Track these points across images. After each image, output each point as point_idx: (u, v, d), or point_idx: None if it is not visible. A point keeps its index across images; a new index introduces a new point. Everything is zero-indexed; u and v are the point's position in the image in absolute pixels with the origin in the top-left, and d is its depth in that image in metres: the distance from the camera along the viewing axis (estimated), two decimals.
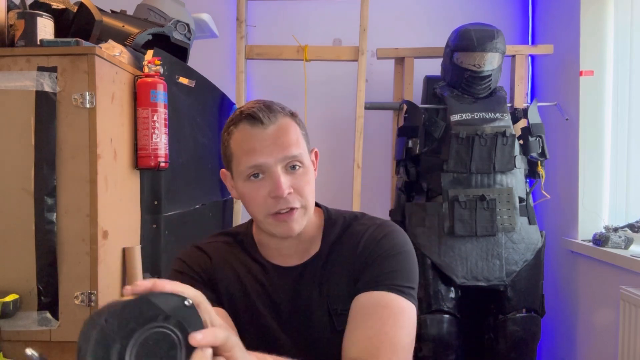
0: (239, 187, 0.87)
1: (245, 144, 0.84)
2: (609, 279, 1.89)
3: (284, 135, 0.84)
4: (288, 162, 0.84)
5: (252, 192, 0.84)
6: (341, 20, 2.62)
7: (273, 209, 0.83)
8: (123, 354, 0.43)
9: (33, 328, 1.23)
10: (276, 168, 0.82)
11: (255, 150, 0.82)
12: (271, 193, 0.82)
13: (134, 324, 0.43)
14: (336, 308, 0.88)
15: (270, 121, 0.83)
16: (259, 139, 0.83)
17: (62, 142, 1.23)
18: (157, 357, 0.44)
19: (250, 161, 0.83)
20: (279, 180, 0.82)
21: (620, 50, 2.08)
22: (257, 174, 0.84)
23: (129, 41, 1.53)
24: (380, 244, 0.88)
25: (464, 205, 1.98)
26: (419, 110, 2.13)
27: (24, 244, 1.22)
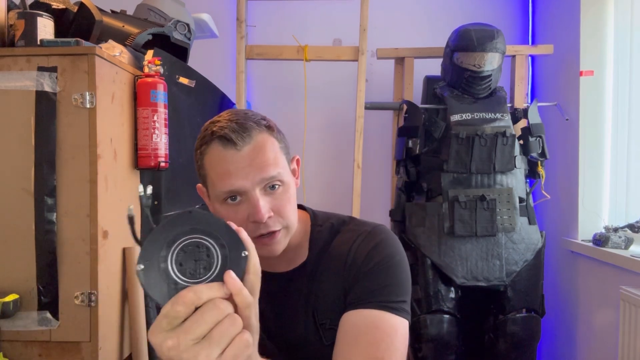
0: (216, 208, 0.83)
1: (219, 167, 0.78)
2: (609, 279, 1.89)
3: (261, 156, 0.78)
4: (266, 183, 0.79)
5: (230, 215, 0.79)
6: (341, 20, 2.62)
7: (253, 233, 0.78)
8: (179, 238, 0.50)
9: (33, 328, 1.23)
10: (254, 191, 0.77)
11: (231, 174, 0.77)
12: (250, 217, 0.78)
13: (205, 232, 0.51)
14: (324, 322, 0.85)
15: (245, 142, 0.77)
16: (233, 162, 0.77)
17: (62, 142, 1.23)
18: (194, 262, 0.50)
19: (226, 186, 0.77)
20: (257, 205, 0.77)
21: (620, 50, 2.08)
22: (234, 197, 0.79)
23: (129, 41, 1.53)
24: (370, 256, 0.84)
25: (464, 205, 1.98)
26: (419, 110, 2.13)
27: (24, 244, 1.22)
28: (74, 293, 1.23)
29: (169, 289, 0.49)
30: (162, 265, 0.49)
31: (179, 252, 0.50)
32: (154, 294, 0.49)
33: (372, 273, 0.83)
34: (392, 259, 0.85)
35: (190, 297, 0.48)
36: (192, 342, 0.47)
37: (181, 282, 0.49)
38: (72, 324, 1.23)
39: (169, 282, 0.49)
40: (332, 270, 0.87)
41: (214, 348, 0.48)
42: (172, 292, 0.49)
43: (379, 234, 0.88)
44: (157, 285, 0.49)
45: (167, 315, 0.48)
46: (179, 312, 0.47)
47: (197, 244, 0.50)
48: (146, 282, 0.49)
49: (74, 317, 1.23)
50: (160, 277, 0.49)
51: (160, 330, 0.48)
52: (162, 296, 0.49)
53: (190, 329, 0.47)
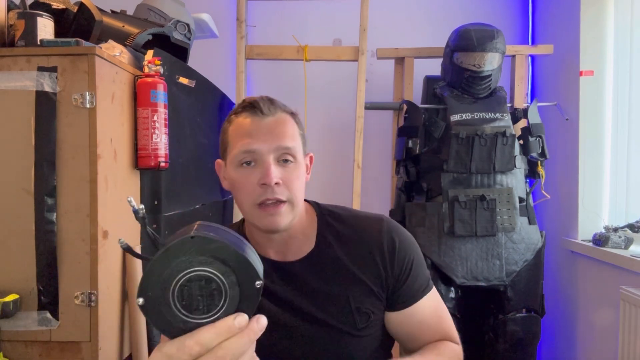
0: (230, 173, 0.88)
1: (243, 129, 0.86)
2: (609, 279, 1.89)
3: (281, 127, 0.86)
4: (281, 153, 0.85)
5: (242, 178, 0.85)
6: (341, 20, 2.62)
7: (260, 197, 0.83)
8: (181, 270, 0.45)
9: (33, 328, 1.23)
10: (268, 157, 0.84)
11: (251, 136, 0.84)
12: (260, 180, 0.83)
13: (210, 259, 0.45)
14: (359, 306, 0.89)
15: (270, 112, 0.86)
16: (256, 127, 0.85)
17: (62, 142, 1.23)
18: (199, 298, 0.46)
19: (245, 146, 0.84)
20: (269, 169, 0.83)
21: (620, 50, 2.08)
22: (249, 162, 0.85)
23: (129, 41, 1.53)
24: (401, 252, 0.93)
25: (464, 205, 1.98)
26: (419, 110, 2.13)
27: (24, 244, 1.22)
28: (74, 293, 1.23)
29: (176, 325, 0.46)
30: (165, 302, 0.45)
31: (182, 286, 0.45)
32: (159, 327, 0.46)
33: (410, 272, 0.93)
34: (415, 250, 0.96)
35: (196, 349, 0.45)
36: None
37: (189, 319, 0.46)
38: (72, 324, 1.23)
39: (174, 318, 0.46)
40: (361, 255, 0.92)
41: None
42: (179, 330, 0.46)
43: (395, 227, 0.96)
44: (162, 320, 0.46)
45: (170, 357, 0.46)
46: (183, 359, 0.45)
47: (200, 277, 0.45)
48: (149, 316, 0.46)
49: (74, 317, 1.23)
50: (164, 312, 0.46)
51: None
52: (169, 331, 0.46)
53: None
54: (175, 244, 0.45)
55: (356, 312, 0.89)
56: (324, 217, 0.95)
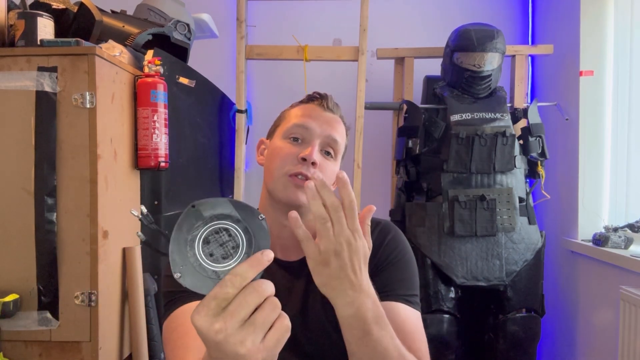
0: (275, 143, 0.92)
1: (305, 111, 0.93)
2: (609, 279, 1.89)
3: (336, 124, 0.94)
4: (328, 142, 0.90)
5: (286, 148, 0.89)
6: (341, 20, 2.62)
7: (295, 169, 0.86)
8: (197, 235, 0.52)
9: (33, 328, 1.23)
10: (316, 139, 0.89)
11: (310, 116, 0.91)
12: (302, 154, 0.87)
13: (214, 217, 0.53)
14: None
15: (333, 109, 0.95)
16: (317, 113, 0.93)
17: (62, 142, 1.23)
18: (222, 247, 0.53)
19: (300, 120, 0.90)
20: (314, 148, 0.87)
21: (620, 50, 2.08)
22: (297, 138, 0.90)
23: (129, 41, 1.53)
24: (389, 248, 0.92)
25: (464, 205, 1.98)
26: (419, 110, 2.13)
27: (24, 244, 1.22)
28: (74, 293, 1.23)
29: (213, 279, 0.52)
30: (196, 263, 0.52)
31: (204, 246, 0.52)
32: (201, 291, 0.51)
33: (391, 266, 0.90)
34: (407, 253, 0.94)
35: (238, 280, 0.50)
36: (237, 325, 0.49)
37: (220, 269, 0.52)
38: (72, 324, 1.23)
39: (209, 274, 0.52)
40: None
41: (258, 333, 0.50)
42: (215, 281, 0.52)
43: (392, 228, 0.96)
44: (201, 282, 0.52)
45: (216, 297, 0.49)
46: (228, 294, 0.49)
47: (215, 231, 0.53)
48: (190, 284, 0.51)
49: (74, 317, 1.23)
50: (200, 275, 0.52)
51: (206, 313, 0.49)
52: (208, 288, 0.51)
53: (235, 312, 0.49)
54: (182, 217, 0.52)
55: None
56: None
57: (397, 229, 0.97)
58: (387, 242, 0.92)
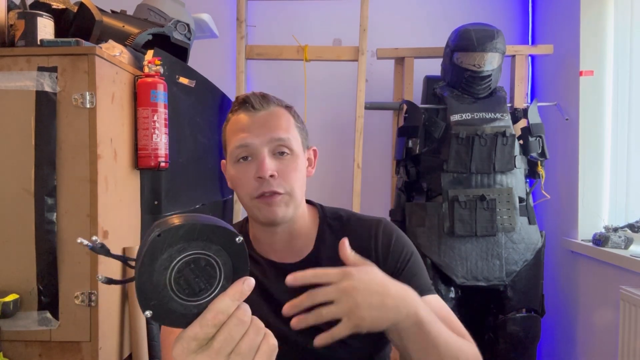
0: (229, 170, 0.89)
1: (238, 125, 0.88)
2: (609, 279, 1.89)
3: (274, 120, 0.87)
4: (275, 144, 0.86)
5: (240, 173, 0.86)
6: (341, 20, 2.62)
7: (257, 191, 0.84)
8: (167, 268, 0.46)
9: (33, 328, 1.23)
10: (262, 150, 0.85)
11: (244, 130, 0.86)
12: (255, 174, 0.84)
13: (185, 244, 0.46)
14: None
15: (262, 107, 0.88)
16: (249, 122, 0.87)
17: (62, 142, 1.23)
18: (196, 280, 0.47)
19: (239, 141, 0.86)
20: (263, 161, 0.84)
21: (620, 50, 2.08)
22: (245, 157, 0.86)
23: (129, 41, 1.53)
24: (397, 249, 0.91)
25: (464, 205, 1.98)
26: (419, 110, 2.13)
27: (24, 244, 1.22)
28: (74, 293, 1.23)
29: (189, 315, 0.47)
30: (170, 300, 0.47)
31: (176, 279, 0.46)
32: (177, 325, 0.48)
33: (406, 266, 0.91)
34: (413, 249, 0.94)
35: (220, 318, 0.47)
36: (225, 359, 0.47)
37: (198, 303, 0.47)
38: (72, 324, 1.23)
39: (186, 310, 0.47)
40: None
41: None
42: (192, 317, 0.47)
43: (393, 227, 0.95)
44: (178, 319, 0.47)
45: (196, 337, 0.46)
46: (209, 333, 0.47)
47: (187, 263, 0.46)
48: (163, 321, 0.47)
49: (74, 317, 1.23)
50: (176, 312, 0.47)
51: (188, 353, 0.47)
52: (186, 322, 0.48)
53: (221, 350, 0.47)
54: (147, 250, 0.45)
55: None
56: (326, 219, 0.96)
57: (396, 227, 0.97)
58: (394, 244, 0.92)
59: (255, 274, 0.91)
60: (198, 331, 0.46)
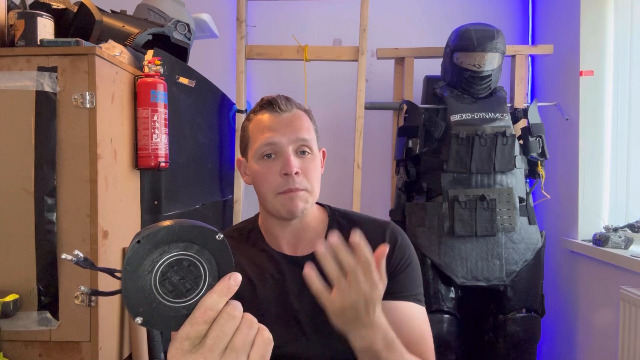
0: (252, 167, 0.94)
1: (263, 124, 0.93)
2: (609, 279, 1.89)
3: (297, 121, 0.94)
4: (299, 144, 0.92)
5: (264, 170, 0.91)
6: (341, 20, 2.62)
7: (282, 187, 0.89)
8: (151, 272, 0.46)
9: (33, 328, 1.23)
10: (288, 148, 0.90)
11: (271, 130, 0.91)
12: (281, 170, 0.89)
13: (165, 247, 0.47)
14: None
15: (287, 109, 0.94)
16: (275, 122, 0.92)
17: (62, 142, 1.23)
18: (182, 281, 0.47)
19: (266, 139, 0.91)
20: (289, 159, 0.89)
21: (620, 50, 2.08)
22: (270, 154, 0.91)
23: (129, 41, 1.53)
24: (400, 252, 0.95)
25: (464, 205, 1.98)
26: (419, 110, 2.13)
27: (24, 244, 1.22)
28: (74, 293, 1.23)
29: (179, 317, 0.48)
30: (159, 304, 0.47)
31: (161, 282, 0.47)
32: (168, 329, 0.48)
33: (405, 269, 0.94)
34: (414, 256, 0.98)
35: (209, 314, 0.47)
36: (219, 356, 0.47)
37: (186, 304, 0.48)
38: (72, 324, 1.23)
39: (175, 312, 0.48)
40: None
41: (240, 356, 0.48)
42: (182, 318, 0.48)
43: (399, 232, 1.00)
44: (169, 322, 0.48)
45: (188, 337, 0.47)
46: (201, 331, 0.47)
47: (170, 265, 0.47)
48: (154, 326, 0.47)
49: (74, 317, 1.23)
50: (165, 315, 0.47)
51: (183, 353, 0.47)
52: (177, 325, 0.48)
53: (215, 346, 0.47)
54: (129, 257, 0.46)
55: None
56: (335, 217, 1.00)
57: (402, 232, 1.01)
58: (399, 247, 0.96)
59: (264, 265, 0.94)
60: (189, 330, 0.47)
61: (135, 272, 0.46)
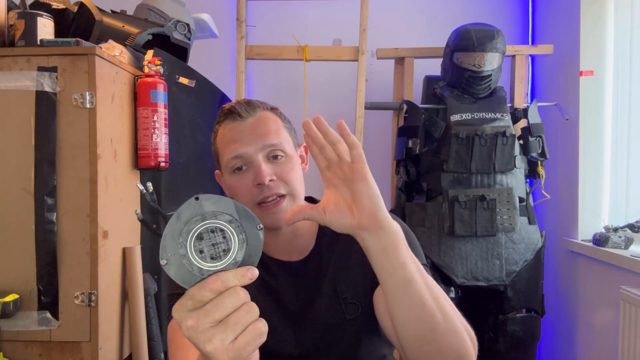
0: (226, 181, 0.90)
1: (227, 137, 0.88)
2: (609, 279, 1.89)
3: (263, 126, 0.88)
4: (269, 150, 0.87)
5: (237, 183, 0.87)
6: (341, 20, 2.62)
7: (257, 197, 0.85)
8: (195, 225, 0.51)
9: (33, 328, 1.23)
10: (257, 157, 0.86)
11: (236, 141, 0.86)
12: (254, 181, 0.85)
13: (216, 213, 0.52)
14: (345, 297, 0.89)
15: (249, 114, 0.88)
16: (238, 131, 0.87)
17: (62, 142, 1.23)
18: (213, 247, 0.52)
19: (232, 152, 0.86)
20: (259, 168, 0.84)
21: (620, 50, 2.08)
22: (240, 167, 0.87)
23: (129, 41, 1.53)
24: None
25: (464, 205, 1.98)
26: (419, 110, 2.13)
27: (24, 244, 1.22)
28: (74, 293, 1.23)
29: (195, 276, 0.51)
30: (184, 256, 0.51)
31: (196, 241, 0.51)
32: (183, 284, 0.51)
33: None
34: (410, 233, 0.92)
35: (218, 285, 0.50)
36: (209, 324, 0.49)
37: (206, 268, 0.51)
38: (72, 324, 1.23)
39: (193, 270, 0.51)
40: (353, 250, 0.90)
41: (228, 333, 0.50)
42: (198, 278, 0.51)
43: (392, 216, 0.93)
44: (184, 275, 0.51)
45: (192, 297, 0.50)
46: (204, 296, 0.50)
47: (211, 229, 0.52)
48: (174, 274, 0.51)
49: (74, 317, 1.23)
50: (185, 268, 0.51)
51: (183, 309, 0.50)
52: (190, 283, 0.51)
53: (210, 313, 0.49)
54: (183, 207, 0.51)
55: (343, 303, 0.89)
56: None
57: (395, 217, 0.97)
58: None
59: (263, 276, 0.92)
60: (196, 292, 0.50)
61: (181, 220, 0.51)
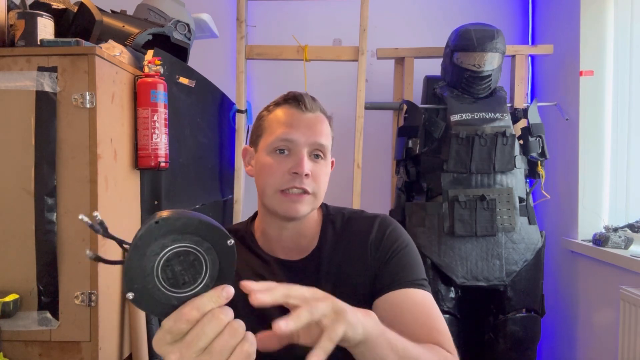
0: (261, 159, 0.90)
1: (285, 119, 0.90)
2: (609, 279, 1.89)
3: (319, 125, 0.91)
4: (315, 148, 0.89)
5: (274, 164, 0.88)
6: (341, 20, 2.62)
7: (288, 184, 0.86)
8: (158, 255, 0.48)
9: (33, 328, 1.23)
10: (303, 149, 0.88)
11: (292, 126, 0.88)
12: (292, 169, 0.86)
13: (179, 235, 0.48)
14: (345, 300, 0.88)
15: (312, 109, 0.92)
16: (296, 119, 0.90)
17: (62, 142, 1.23)
18: (182, 273, 0.48)
19: (284, 134, 0.88)
20: (303, 159, 0.86)
21: (620, 50, 2.08)
22: (283, 150, 0.88)
23: (129, 41, 1.53)
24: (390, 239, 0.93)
25: (464, 205, 1.98)
26: (419, 110, 2.13)
27: (24, 244, 1.22)
28: (74, 293, 1.23)
29: (168, 306, 0.49)
30: (153, 286, 0.48)
31: (163, 267, 0.48)
32: (154, 314, 0.49)
33: (396, 256, 0.91)
34: (409, 243, 0.95)
35: (194, 314, 0.48)
36: (194, 354, 0.48)
37: (179, 295, 0.49)
38: (72, 324, 1.23)
39: (165, 300, 0.48)
40: (353, 256, 0.92)
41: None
42: (170, 308, 0.49)
43: (391, 221, 0.98)
44: (156, 307, 0.48)
45: (170, 331, 0.48)
46: (182, 329, 0.48)
47: (177, 254, 0.48)
48: (144, 307, 0.48)
49: (74, 317, 1.23)
50: (154, 299, 0.48)
51: (163, 343, 0.49)
52: (163, 314, 0.49)
53: (192, 344, 0.48)
54: (143, 234, 0.47)
55: None
56: (329, 217, 0.98)
57: (396, 222, 0.99)
58: (388, 235, 0.94)
59: (257, 269, 0.93)
60: (172, 325, 0.48)
61: (143, 249, 0.47)
